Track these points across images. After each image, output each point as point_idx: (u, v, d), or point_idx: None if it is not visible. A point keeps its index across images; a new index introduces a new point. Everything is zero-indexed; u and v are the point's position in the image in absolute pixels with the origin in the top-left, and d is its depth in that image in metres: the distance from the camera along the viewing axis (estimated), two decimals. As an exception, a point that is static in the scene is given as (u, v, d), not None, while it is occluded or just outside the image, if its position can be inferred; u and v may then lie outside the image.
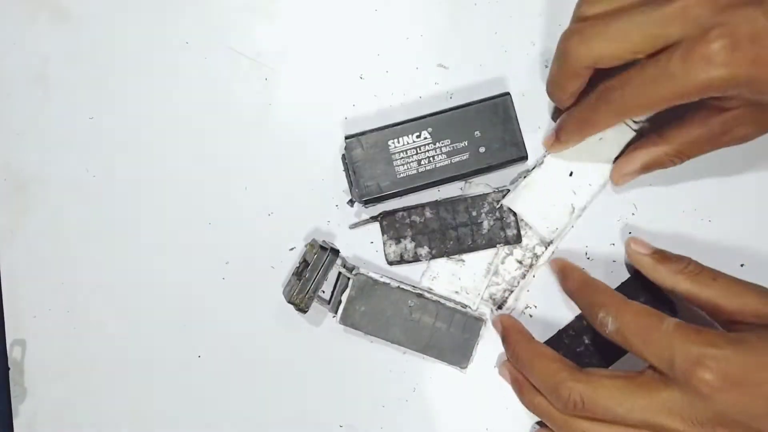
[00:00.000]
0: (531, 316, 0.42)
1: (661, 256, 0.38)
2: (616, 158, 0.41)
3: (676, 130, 0.37)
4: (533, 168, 0.42)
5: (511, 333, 0.39)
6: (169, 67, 0.45)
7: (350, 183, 0.41)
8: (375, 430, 0.42)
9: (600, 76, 0.35)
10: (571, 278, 0.39)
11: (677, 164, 0.38)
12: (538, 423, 0.41)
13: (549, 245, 0.41)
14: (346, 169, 0.41)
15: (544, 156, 0.42)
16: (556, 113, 0.42)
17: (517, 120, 0.40)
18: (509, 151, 0.40)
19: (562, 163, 0.41)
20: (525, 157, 0.41)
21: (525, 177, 0.42)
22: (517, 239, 0.41)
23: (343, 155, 0.41)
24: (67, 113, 0.45)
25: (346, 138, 0.40)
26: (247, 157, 0.44)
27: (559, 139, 0.39)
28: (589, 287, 0.38)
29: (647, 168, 0.39)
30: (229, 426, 0.43)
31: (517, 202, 0.41)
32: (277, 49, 0.44)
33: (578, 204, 0.41)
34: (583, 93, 0.37)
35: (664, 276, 0.37)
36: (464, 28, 0.44)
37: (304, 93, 0.44)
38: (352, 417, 0.42)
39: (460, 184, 0.42)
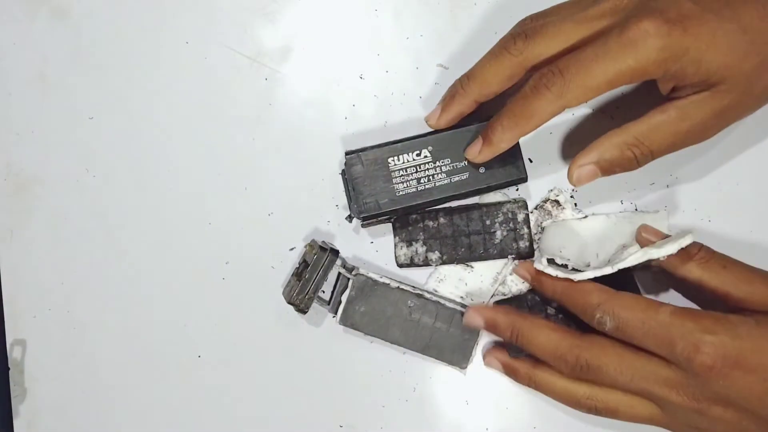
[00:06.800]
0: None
1: None
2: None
3: (634, 121, 0.36)
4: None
5: (500, 316, 0.38)
6: (169, 67, 0.45)
7: (349, 199, 0.41)
8: (375, 430, 0.42)
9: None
10: (549, 283, 0.38)
11: (641, 163, 0.36)
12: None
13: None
14: (346, 185, 0.41)
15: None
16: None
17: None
18: (509, 171, 0.40)
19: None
20: (525, 179, 0.40)
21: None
22: (530, 252, 0.41)
23: (343, 171, 0.41)
24: (66, 113, 0.45)
25: (347, 154, 0.40)
26: (247, 157, 0.44)
27: (490, 140, 0.37)
28: (577, 289, 0.37)
29: (607, 164, 0.36)
30: (229, 426, 0.43)
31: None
32: (277, 49, 0.44)
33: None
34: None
35: (675, 263, 0.37)
36: (464, 28, 0.44)
37: (304, 93, 0.44)
38: (352, 417, 0.42)
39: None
